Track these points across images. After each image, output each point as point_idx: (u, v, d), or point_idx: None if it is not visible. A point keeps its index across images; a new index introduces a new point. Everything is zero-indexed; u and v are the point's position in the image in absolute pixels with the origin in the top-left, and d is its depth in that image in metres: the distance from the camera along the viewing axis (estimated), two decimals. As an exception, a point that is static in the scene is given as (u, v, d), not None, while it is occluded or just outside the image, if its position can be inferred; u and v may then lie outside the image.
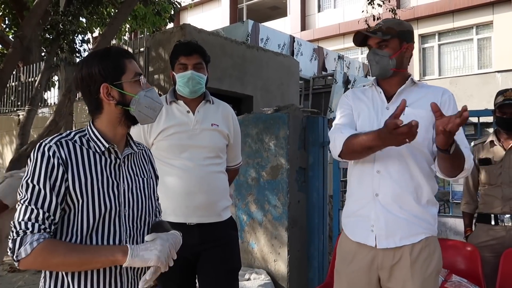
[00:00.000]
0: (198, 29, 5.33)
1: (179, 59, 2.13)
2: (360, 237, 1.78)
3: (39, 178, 1.21)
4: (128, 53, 1.39)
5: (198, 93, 2.13)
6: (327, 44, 14.85)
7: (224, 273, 2.09)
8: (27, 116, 4.85)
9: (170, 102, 2.14)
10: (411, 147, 1.67)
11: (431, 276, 1.71)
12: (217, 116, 2.18)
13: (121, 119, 1.34)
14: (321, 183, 3.87)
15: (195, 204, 2.05)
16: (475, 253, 2.62)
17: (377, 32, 1.78)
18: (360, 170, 1.81)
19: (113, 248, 1.24)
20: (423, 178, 1.73)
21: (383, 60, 1.78)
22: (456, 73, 14.12)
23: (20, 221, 1.18)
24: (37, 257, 1.16)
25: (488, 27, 13.72)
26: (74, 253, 1.20)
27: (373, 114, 1.80)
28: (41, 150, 1.23)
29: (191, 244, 2.01)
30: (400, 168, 1.72)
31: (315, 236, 3.88)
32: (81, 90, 1.36)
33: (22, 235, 1.17)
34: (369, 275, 1.75)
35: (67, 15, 5.56)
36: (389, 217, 1.71)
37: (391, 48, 1.78)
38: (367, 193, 1.77)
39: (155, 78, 5.31)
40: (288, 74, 6.78)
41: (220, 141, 2.16)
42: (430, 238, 1.74)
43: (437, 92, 1.81)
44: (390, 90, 1.83)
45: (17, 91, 7.74)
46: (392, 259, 1.72)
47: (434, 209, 1.78)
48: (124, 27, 9.81)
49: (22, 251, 1.16)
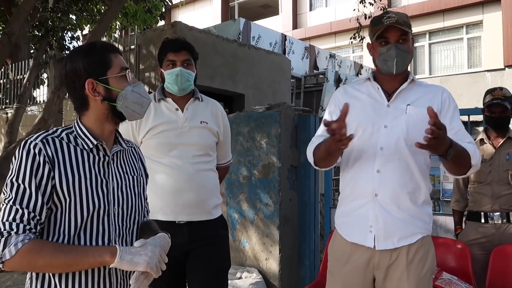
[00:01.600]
0: (190, 26, 5.30)
1: (167, 56, 2.10)
2: (357, 238, 1.73)
3: (24, 176, 1.17)
4: (113, 48, 1.35)
5: (187, 90, 2.11)
6: (318, 42, 14.88)
7: (213, 272, 2.08)
8: (16, 114, 4.79)
9: (158, 99, 2.12)
10: (412, 147, 1.59)
11: (426, 276, 1.68)
12: (206, 113, 2.15)
13: (108, 115, 1.30)
14: (312, 181, 3.87)
15: (184, 202, 2.02)
16: (465, 250, 2.64)
17: (402, 25, 1.66)
18: (357, 170, 1.74)
19: (101, 249, 1.21)
20: (421, 178, 1.70)
21: (405, 56, 1.69)
22: (447, 72, 14.23)
23: (5, 222, 1.15)
24: (23, 259, 1.13)
25: (478, 26, 13.85)
26: (61, 254, 1.17)
27: (370, 110, 1.73)
28: (27, 147, 1.19)
29: (180, 243, 1.99)
30: (401, 167, 1.68)
31: (307, 234, 3.89)
32: (66, 86, 1.33)
33: (6, 236, 1.14)
34: (365, 275, 1.71)
35: (56, 12, 5.49)
36: (388, 217, 1.67)
37: (409, 42, 1.71)
38: (366, 193, 1.70)
39: (146, 75, 5.27)
40: (280, 72, 6.78)
41: (210, 139, 2.14)
42: (426, 238, 1.72)
43: (437, 91, 1.76)
44: (391, 87, 1.76)
45: (5, 88, 7.64)
46: (389, 259, 1.68)
47: (429, 208, 1.76)
48: (115, 25, 9.73)
49: (7, 252, 1.12)
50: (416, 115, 1.67)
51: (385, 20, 1.67)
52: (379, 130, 1.70)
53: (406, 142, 1.66)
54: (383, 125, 1.70)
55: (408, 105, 1.71)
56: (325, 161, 1.71)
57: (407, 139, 1.66)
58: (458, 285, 2.43)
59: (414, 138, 1.57)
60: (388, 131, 1.69)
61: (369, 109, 1.73)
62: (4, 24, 8.97)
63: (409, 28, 1.70)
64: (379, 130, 1.70)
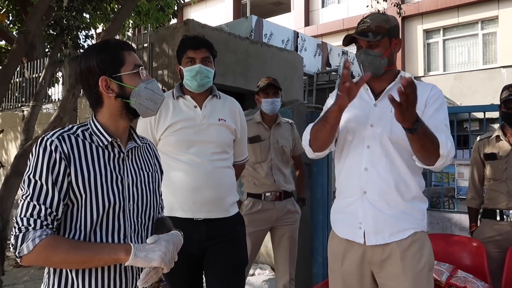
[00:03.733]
0: (202, 24, 5.31)
1: (187, 53, 2.10)
2: (348, 234, 1.78)
3: (41, 173, 1.19)
4: (127, 45, 1.35)
5: (205, 86, 2.11)
6: (331, 39, 14.78)
7: (231, 269, 2.08)
8: (32, 112, 4.86)
9: (177, 97, 2.12)
10: (398, 144, 1.67)
11: (423, 271, 1.69)
12: (224, 111, 2.15)
13: (122, 112, 1.31)
14: (325, 179, 3.86)
15: (202, 199, 2.03)
16: (481, 248, 2.61)
17: (368, 33, 1.72)
18: (348, 168, 1.79)
19: (116, 247, 1.22)
20: (410, 175, 1.72)
21: (375, 61, 1.73)
22: (461, 68, 14.04)
23: (22, 217, 1.17)
24: (40, 254, 1.15)
25: (493, 22, 13.62)
26: (77, 251, 1.18)
27: (358, 111, 1.76)
28: (43, 144, 1.21)
29: (198, 239, 2.01)
30: (387, 165, 1.71)
31: (320, 231, 3.88)
32: (81, 83, 1.34)
33: (24, 232, 1.16)
34: (361, 270, 1.75)
35: (71, 11, 5.55)
36: (377, 214, 1.71)
37: (382, 47, 1.74)
38: (355, 191, 1.75)
39: (159, 73, 5.30)
40: (292, 69, 6.76)
41: (227, 136, 2.14)
42: (419, 233, 1.73)
43: (425, 88, 1.76)
44: (379, 87, 1.80)
45: (21, 87, 7.75)
46: (381, 254, 1.71)
47: (422, 204, 1.77)
48: (128, 23, 9.81)
49: (25, 247, 1.14)
50: None
51: (360, 25, 1.78)
52: (365, 129, 1.75)
53: (391, 140, 1.70)
54: (369, 124, 1.74)
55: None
56: (320, 132, 1.70)
57: (391, 138, 1.69)
58: (474, 283, 2.40)
59: (399, 137, 1.62)
60: (373, 130, 1.73)
61: (357, 109, 1.76)
62: (19, 23, 9.11)
63: (381, 33, 1.72)
64: (366, 129, 1.75)
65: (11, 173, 4.24)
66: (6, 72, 4.20)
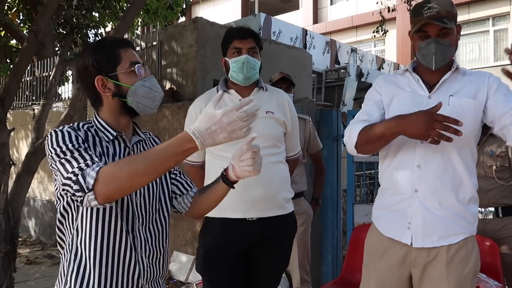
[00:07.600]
0: (211, 22, 5.30)
1: (233, 43, 2.03)
2: (394, 233, 1.67)
3: (64, 142, 1.17)
4: (123, 43, 1.33)
5: (252, 79, 2.04)
6: (339, 37, 14.72)
7: (273, 273, 2.05)
8: (42, 110, 4.89)
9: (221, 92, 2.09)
10: (457, 140, 1.47)
11: (468, 277, 1.60)
12: (271, 103, 2.08)
13: (121, 110, 1.31)
14: (335, 177, 3.84)
15: (252, 198, 1.94)
16: (494, 247, 2.58)
17: (443, 19, 1.57)
18: (397, 164, 1.67)
19: (177, 140, 1.11)
20: (466, 174, 1.61)
21: (446, 51, 1.60)
22: (472, 65, 13.89)
23: (73, 170, 1.13)
24: (106, 177, 1.10)
25: (504, 18, 13.46)
26: (139, 160, 1.11)
27: (411, 104, 1.62)
28: (57, 131, 1.21)
29: (248, 239, 1.96)
30: (443, 162, 1.60)
31: (329, 230, 3.86)
32: (80, 83, 1.34)
33: (81, 173, 1.12)
34: (401, 271, 1.66)
35: (80, 9, 5.58)
36: (427, 215, 1.60)
37: (452, 35, 1.61)
38: (406, 188, 1.64)
39: (168, 72, 5.31)
40: (301, 67, 6.73)
41: (277, 129, 2.05)
42: (469, 238, 1.63)
43: (482, 76, 1.66)
44: (431, 78, 1.68)
45: (32, 85, 7.81)
46: (426, 257, 1.62)
47: (475, 207, 1.66)
48: (136, 21, 9.83)
49: (89, 179, 1.10)
50: (460, 106, 1.58)
51: (426, 11, 1.59)
52: None
53: None
54: None
55: (450, 95, 1.62)
56: (373, 144, 1.61)
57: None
58: (487, 283, 2.37)
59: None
60: None
61: (409, 102, 1.65)
62: (30, 22, 9.18)
63: (452, 19, 1.60)
64: None
65: (22, 171, 4.26)
66: (16, 71, 4.22)
